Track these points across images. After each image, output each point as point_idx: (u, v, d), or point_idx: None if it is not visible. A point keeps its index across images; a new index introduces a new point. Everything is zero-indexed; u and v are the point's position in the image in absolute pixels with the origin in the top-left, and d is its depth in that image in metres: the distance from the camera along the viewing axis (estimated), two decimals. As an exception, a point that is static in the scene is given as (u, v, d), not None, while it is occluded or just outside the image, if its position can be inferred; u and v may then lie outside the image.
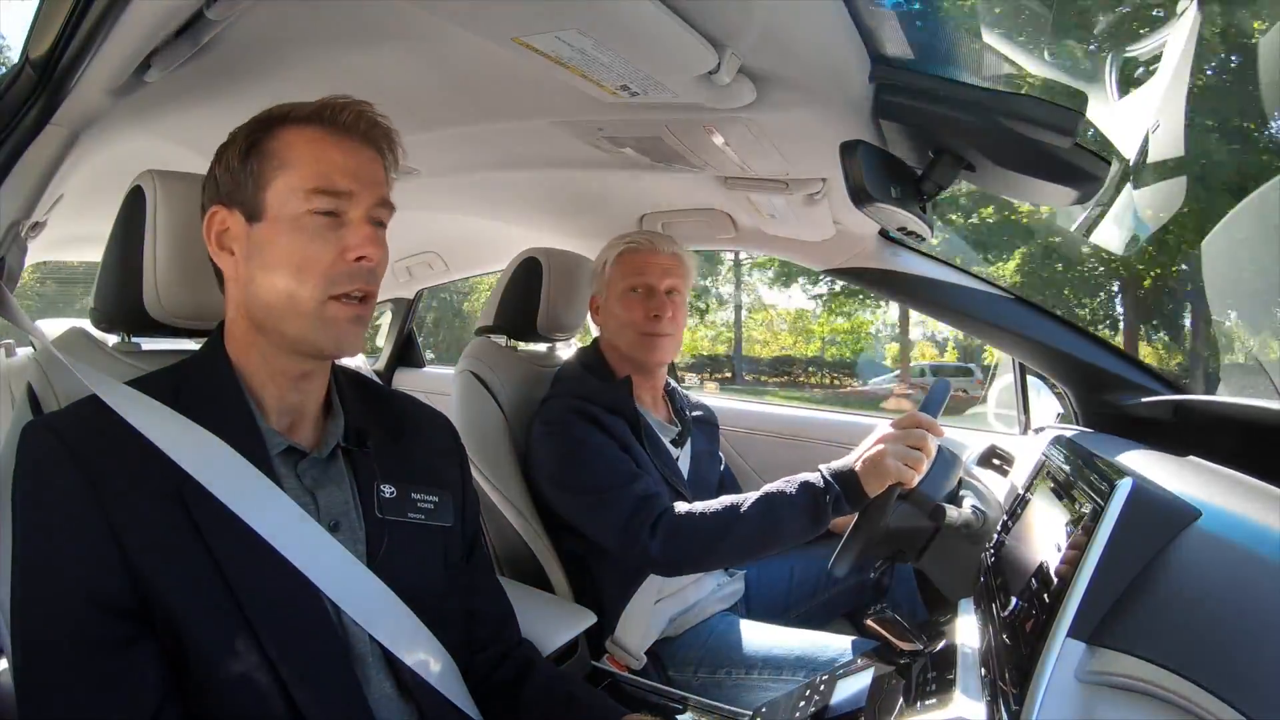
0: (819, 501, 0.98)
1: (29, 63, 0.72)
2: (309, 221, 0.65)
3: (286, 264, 0.64)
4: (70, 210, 1.10)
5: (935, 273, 1.37)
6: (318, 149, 0.65)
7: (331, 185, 0.65)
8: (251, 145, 0.66)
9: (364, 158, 0.67)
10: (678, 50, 0.72)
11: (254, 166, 0.65)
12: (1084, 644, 0.53)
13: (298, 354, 0.68)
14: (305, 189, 0.64)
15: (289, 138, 0.66)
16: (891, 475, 0.95)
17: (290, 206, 0.65)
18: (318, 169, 0.65)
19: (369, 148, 0.68)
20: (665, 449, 1.25)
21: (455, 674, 0.73)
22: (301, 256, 0.64)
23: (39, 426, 0.62)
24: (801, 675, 1.04)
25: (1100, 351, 1.26)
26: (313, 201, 0.64)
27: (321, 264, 0.64)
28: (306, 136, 0.66)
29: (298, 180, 0.64)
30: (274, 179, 0.65)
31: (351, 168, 0.66)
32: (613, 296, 1.26)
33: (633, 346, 1.25)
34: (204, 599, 0.59)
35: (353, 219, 0.66)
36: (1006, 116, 0.73)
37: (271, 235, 0.65)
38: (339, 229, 0.65)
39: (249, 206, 0.66)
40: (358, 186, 0.66)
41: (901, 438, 0.98)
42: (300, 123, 0.66)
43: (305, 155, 0.65)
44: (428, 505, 0.75)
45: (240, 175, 0.66)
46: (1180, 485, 0.71)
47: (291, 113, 0.67)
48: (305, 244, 0.64)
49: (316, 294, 0.64)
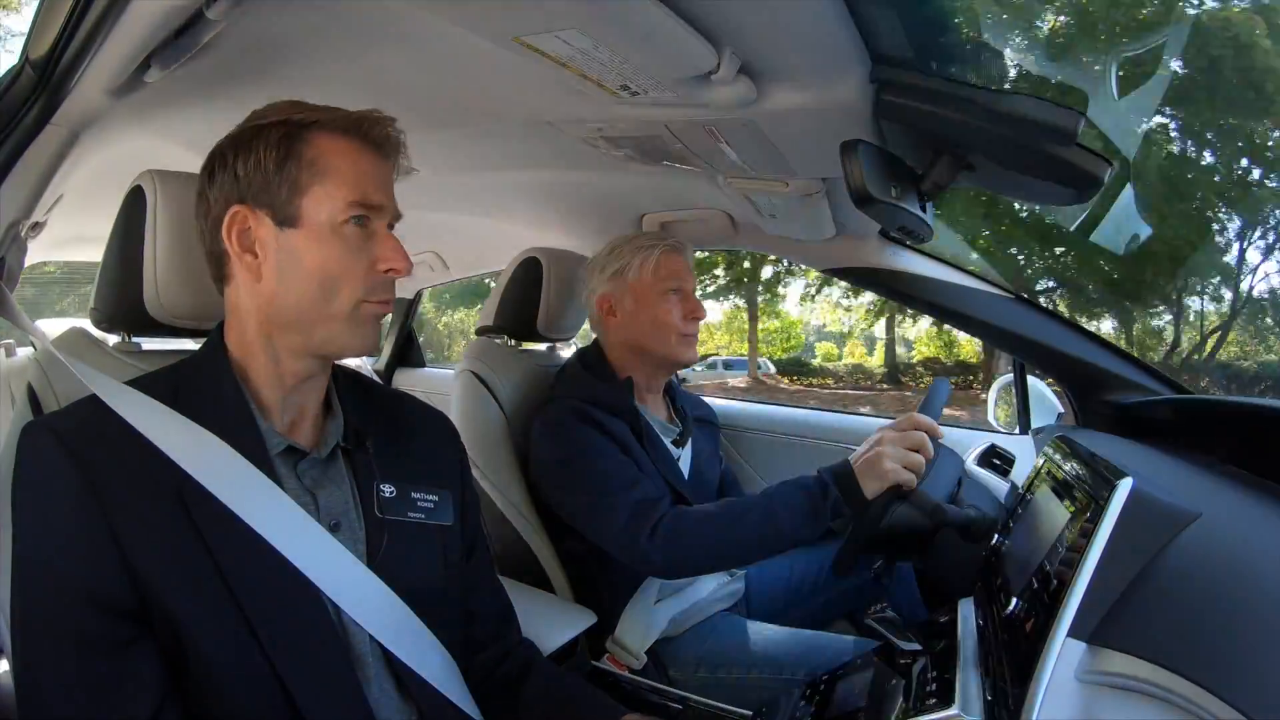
0: (818, 503, 0.98)
1: (29, 63, 0.72)
2: (346, 232, 0.66)
3: (322, 272, 0.66)
4: (70, 210, 1.10)
5: (935, 273, 1.37)
6: (356, 161, 0.67)
7: (369, 199, 0.67)
8: (289, 151, 0.66)
9: (386, 170, 0.70)
10: (678, 50, 0.72)
11: (291, 172, 0.65)
12: (1084, 644, 0.53)
13: (316, 357, 0.69)
14: (346, 200, 0.66)
15: (325, 146, 0.66)
16: (890, 477, 0.95)
17: (327, 215, 0.66)
18: (358, 182, 0.67)
19: (389, 161, 0.71)
20: (666, 449, 1.25)
21: (455, 674, 0.73)
22: (339, 266, 0.66)
23: (38, 427, 0.62)
24: (801, 675, 1.04)
25: (1100, 351, 1.26)
26: (351, 212, 0.66)
27: (357, 275, 0.67)
28: (343, 148, 0.67)
29: (337, 191, 0.66)
30: (311, 186, 0.65)
31: (382, 181, 0.69)
32: (648, 297, 1.24)
33: (670, 347, 1.24)
34: (204, 599, 0.59)
35: (379, 231, 0.69)
36: (1007, 117, 0.73)
37: (306, 243, 0.66)
38: (369, 240, 0.68)
39: (281, 211, 0.66)
40: (387, 200, 0.69)
41: (900, 439, 0.98)
42: (337, 132, 0.67)
43: (345, 167, 0.66)
44: (428, 505, 0.75)
45: (273, 178, 0.65)
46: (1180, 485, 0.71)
47: (324, 119, 0.67)
48: (342, 254, 0.66)
49: (349, 302, 0.67)
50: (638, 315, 1.25)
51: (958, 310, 1.35)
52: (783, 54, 0.77)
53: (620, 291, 1.26)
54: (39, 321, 1.43)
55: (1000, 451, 1.45)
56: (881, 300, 10.91)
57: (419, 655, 0.69)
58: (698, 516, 1.04)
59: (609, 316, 1.28)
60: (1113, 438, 1.14)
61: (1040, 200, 0.92)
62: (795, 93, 0.84)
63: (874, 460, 0.96)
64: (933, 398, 1.04)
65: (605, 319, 1.29)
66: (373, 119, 0.68)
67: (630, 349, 1.27)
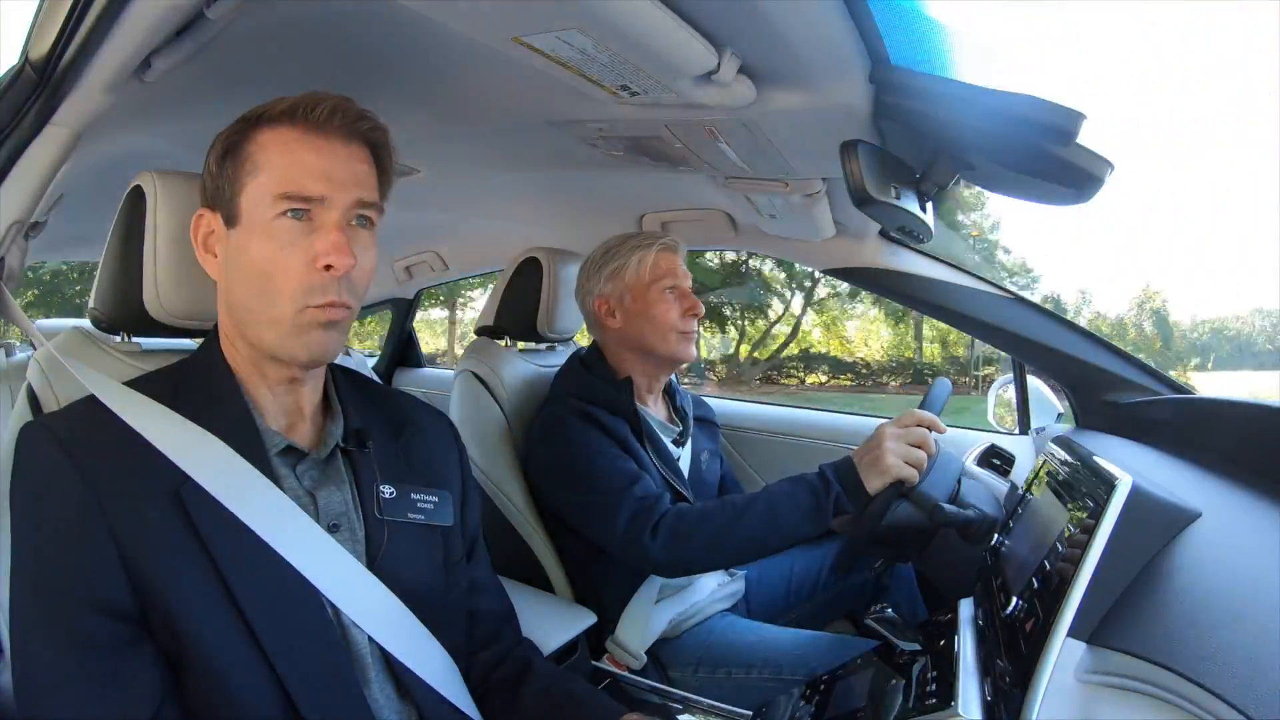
0: (820, 499, 0.98)
1: (29, 63, 0.72)
2: (278, 227, 0.62)
3: (259, 272, 0.63)
4: (70, 210, 1.09)
5: (935, 273, 1.38)
6: (289, 151, 0.63)
7: (300, 189, 0.62)
8: (229, 148, 0.65)
9: (340, 157, 0.64)
10: (678, 50, 0.72)
11: (229, 170, 0.64)
12: (1084, 644, 0.53)
13: (276, 361, 0.67)
14: (274, 194, 0.62)
15: (263, 139, 0.64)
16: (893, 473, 0.95)
17: (260, 212, 0.63)
18: (286, 172, 0.62)
19: (350, 145, 0.65)
20: (666, 449, 1.25)
21: (455, 675, 0.73)
22: (272, 264, 0.62)
23: (37, 427, 0.61)
24: (801, 675, 1.04)
25: (1100, 351, 1.26)
26: (280, 206, 0.62)
27: (293, 273, 0.62)
28: (280, 138, 0.63)
29: (267, 184, 0.62)
30: (247, 183, 0.63)
31: (324, 169, 0.63)
32: (647, 296, 1.24)
33: (671, 345, 1.24)
34: (202, 600, 0.59)
35: (324, 224, 0.63)
36: (1006, 117, 0.72)
37: (245, 241, 0.64)
38: (310, 235, 0.63)
39: (227, 210, 0.65)
40: (330, 189, 0.63)
41: (903, 435, 0.98)
42: (274, 123, 0.64)
43: (276, 158, 0.63)
44: (428, 505, 0.75)
45: (219, 179, 0.65)
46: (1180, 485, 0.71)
47: (266, 112, 0.64)
48: (275, 251, 0.62)
49: (290, 306, 0.63)
50: (637, 314, 1.25)
51: (958, 310, 1.35)
52: (783, 55, 0.77)
53: (619, 292, 1.26)
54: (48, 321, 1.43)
55: (1000, 451, 1.45)
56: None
57: (419, 657, 0.69)
58: (699, 514, 1.04)
59: (608, 318, 1.27)
60: (1113, 438, 1.14)
61: (1040, 200, 0.92)
62: (795, 93, 0.84)
63: (877, 455, 0.97)
64: (934, 395, 1.05)
65: (604, 320, 1.28)
66: (310, 101, 0.63)
67: (630, 348, 1.27)
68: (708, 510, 1.04)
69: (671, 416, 1.35)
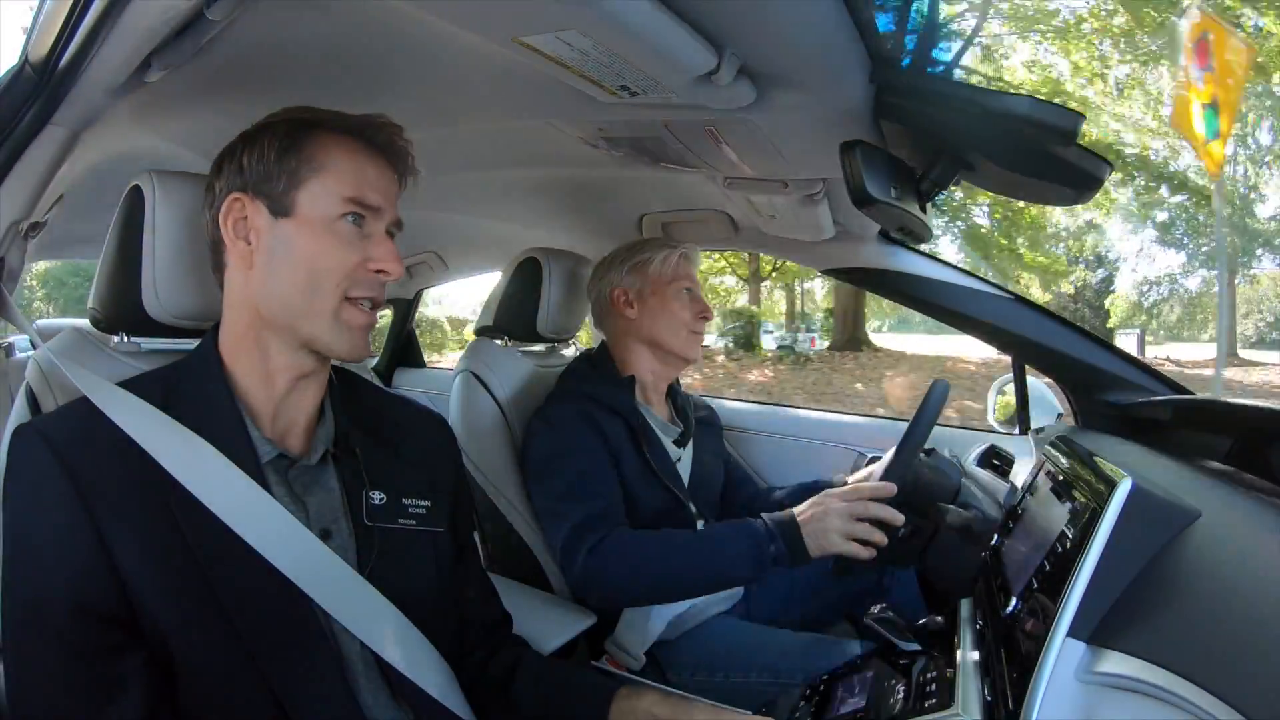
0: (761, 552, 0.96)
1: (29, 63, 0.72)
2: (339, 227, 0.67)
3: (310, 263, 0.66)
4: (70, 210, 1.10)
5: (935, 273, 1.38)
6: (356, 160, 0.68)
7: (364, 198, 0.67)
8: (291, 143, 0.67)
9: (390, 178, 0.71)
10: (677, 50, 0.72)
11: (291, 164, 0.66)
12: (1084, 644, 0.53)
13: (305, 351, 0.68)
14: (342, 195, 0.66)
15: (327, 143, 0.67)
16: (831, 549, 0.93)
17: (322, 209, 0.66)
18: (355, 179, 0.67)
19: (393, 169, 0.71)
20: (665, 451, 1.25)
21: (449, 678, 0.73)
22: (327, 259, 0.66)
23: (28, 429, 0.61)
24: (801, 676, 1.03)
25: (1100, 351, 1.26)
26: (345, 208, 0.67)
27: (344, 268, 0.66)
28: (346, 146, 0.68)
29: (335, 186, 0.66)
30: (309, 180, 0.66)
31: (382, 185, 0.69)
32: (666, 292, 1.27)
33: (682, 341, 1.28)
34: (191, 607, 0.59)
35: (376, 233, 0.69)
36: (1006, 117, 0.72)
37: (295, 234, 0.66)
38: (363, 239, 0.68)
39: (277, 202, 0.66)
40: (384, 203, 0.69)
41: (845, 511, 0.94)
42: (340, 132, 0.68)
43: (344, 164, 0.67)
44: (419, 511, 0.74)
45: (274, 169, 0.66)
46: (1180, 485, 0.71)
47: (332, 120, 0.69)
48: (332, 247, 0.66)
49: (334, 295, 0.66)
50: (655, 308, 1.27)
51: (958, 310, 1.35)
52: (783, 55, 0.77)
53: (640, 283, 1.28)
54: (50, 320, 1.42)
55: (1000, 452, 1.45)
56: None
57: (412, 661, 0.69)
58: (635, 540, 1.03)
59: (625, 308, 1.29)
60: (1113, 438, 1.14)
61: (1040, 200, 0.92)
62: (795, 94, 0.84)
63: (822, 528, 0.94)
64: (931, 399, 1.04)
65: (621, 310, 1.29)
66: (378, 123, 0.69)
67: (642, 340, 1.28)
68: (643, 538, 1.03)
69: (673, 417, 1.35)
